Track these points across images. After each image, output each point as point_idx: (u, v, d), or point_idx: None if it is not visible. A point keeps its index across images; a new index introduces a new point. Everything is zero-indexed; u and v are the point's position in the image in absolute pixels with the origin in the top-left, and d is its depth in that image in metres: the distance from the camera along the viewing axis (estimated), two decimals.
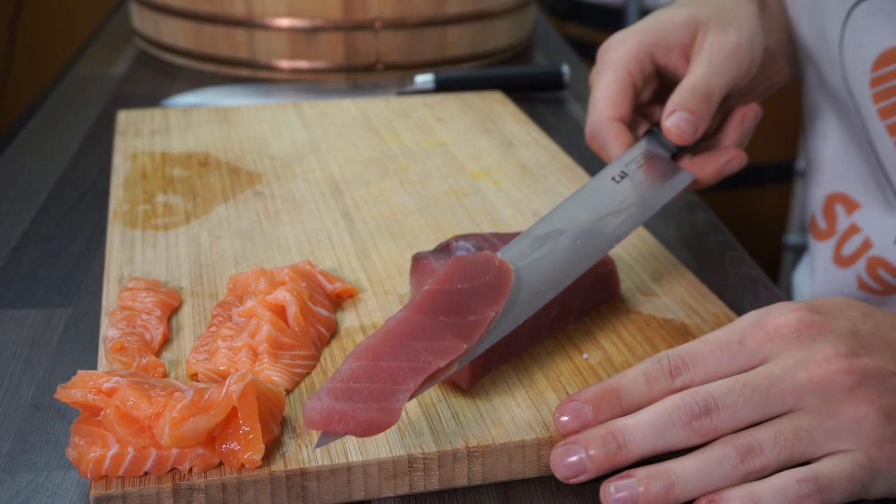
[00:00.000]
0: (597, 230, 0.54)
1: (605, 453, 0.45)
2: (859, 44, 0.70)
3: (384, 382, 0.44)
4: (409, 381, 0.45)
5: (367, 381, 0.44)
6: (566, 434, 0.47)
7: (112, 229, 0.68)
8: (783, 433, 0.45)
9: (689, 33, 0.61)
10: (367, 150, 0.83)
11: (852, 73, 0.72)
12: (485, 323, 0.47)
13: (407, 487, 0.48)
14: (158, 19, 1.12)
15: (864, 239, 0.77)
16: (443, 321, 0.47)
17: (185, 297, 0.61)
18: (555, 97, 1.05)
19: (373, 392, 0.44)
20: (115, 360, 0.53)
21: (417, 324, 0.47)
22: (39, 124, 0.96)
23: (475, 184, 0.77)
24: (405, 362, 0.45)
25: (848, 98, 0.73)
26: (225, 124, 0.88)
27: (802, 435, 0.45)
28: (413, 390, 0.44)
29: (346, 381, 0.44)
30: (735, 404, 0.45)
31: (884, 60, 0.69)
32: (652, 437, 0.45)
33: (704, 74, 0.59)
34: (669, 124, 0.58)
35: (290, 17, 1.05)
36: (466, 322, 0.47)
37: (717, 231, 0.76)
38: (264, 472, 0.46)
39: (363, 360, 0.45)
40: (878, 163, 0.73)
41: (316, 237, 0.68)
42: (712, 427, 0.45)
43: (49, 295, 0.65)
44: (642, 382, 0.47)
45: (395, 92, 1.01)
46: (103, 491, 0.45)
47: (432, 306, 0.48)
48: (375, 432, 0.43)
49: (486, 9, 1.11)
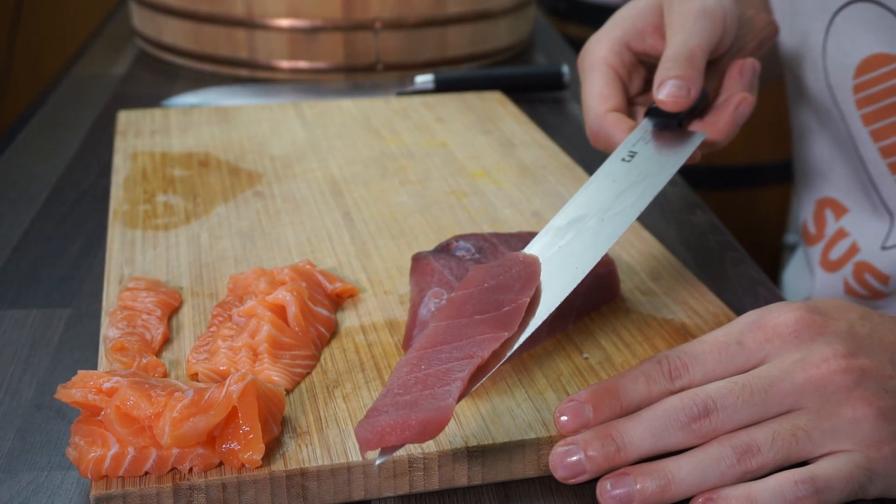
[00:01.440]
0: (618, 206, 0.53)
1: (604, 455, 0.45)
2: (842, 50, 0.70)
3: (431, 386, 0.44)
4: (456, 376, 0.44)
5: (414, 390, 0.43)
6: (566, 434, 0.47)
7: (112, 229, 0.68)
8: (781, 433, 0.45)
9: (655, 13, 0.62)
10: (367, 151, 0.83)
11: (835, 80, 0.72)
12: (521, 310, 0.47)
13: (407, 487, 0.48)
14: (159, 19, 1.12)
15: (851, 244, 0.77)
16: (478, 318, 0.47)
17: (185, 296, 0.61)
18: (555, 97, 1.05)
19: (422, 397, 0.43)
20: (115, 360, 0.53)
21: (452, 327, 0.46)
22: (40, 124, 0.96)
23: (475, 184, 0.77)
24: (448, 363, 0.44)
25: (832, 104, 0.73)
26: (225, 124, 0.88)
27: (800, 435, 0.45)
28: (463, 384, 0.43)
29: (393, 395, 0.44)
30: (734, 406, 0.45)
31: (866, 67, 0.69)
32: (651, 439, 0.45)
33: (681, 39, 0.59)
34: (662, 96, 0.57)
35: (290, 17, 1.05)
36: (502, 314, 0.47)
37: (717, 231, 0.76)
38: (264, 472, 0.46)
39: (405, 373, 0.45)
40: (864, 168, 0.73)
41: (316, 237, 0.68)
42: (711, 429, 0.45)
43: (49, 295, 0.65)
44: (642, 383, 0.47)
45: (395, 92, 1.01)
46: (103, 491, 0.45)
47: (463, 309, 0.48)
48: (433, 434, 0.42)
49: (486, 9, 1.11)
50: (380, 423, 0.42)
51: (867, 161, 0.72)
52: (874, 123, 0.70)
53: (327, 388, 0.52)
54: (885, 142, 0.71)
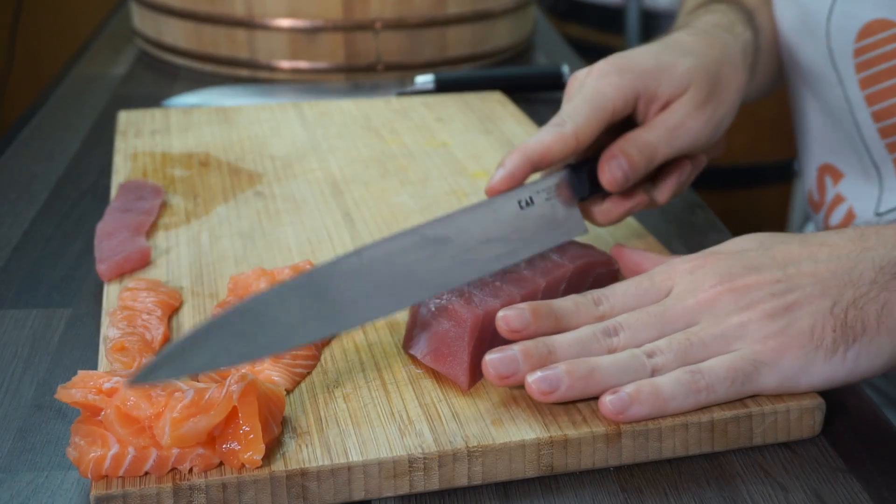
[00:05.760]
0: (479, 252, 0.55)
1: (537, 354, 0.51)
2: (847, 13, 0.71)
3: None
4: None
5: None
6: (505, 331, 0.52)
7: None
8: (676, 338, 0.52)
9: (679, 89, 0.61)
10: (368, 151, 0.83)
11: (837, 43, 0.72)
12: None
13: (407, 487, 0.48)
14: (159, 20, 1.12)
15: (848, 209, 0.78)
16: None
17: (185, 297, 0.61)
18: (555, 97, 1.05)
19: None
20: (115, 360, 0.53)
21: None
22: (40, 124, 0.96)
23: (475, 184, 0.77)
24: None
25: (831, 68, 0.74)
26: (225, 124, 0.88)
27: (693, 340, 0.51)
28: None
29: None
30: (636, 326, 0.52)
31: (867, 31, 0.70)
32: (576, 346, 0.52)
33: (659, 139, 0.60)
34: (608, 168, 0.59)
35: (291, 17, 1.05)
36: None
37: (717, 231, 0.76)
38: (265, 472, 0.46)
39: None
40: (858, 132, 0.74)
41: (316, 237, 0.68)
42: (621, 343, 0.52)
43: (50, 295, 0.65)
44: (571, 305, 0.54)
45: (396, 92, 1.01)
46: (104, 491, 0.45)
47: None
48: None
49: (486, 9, 1.11)
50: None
51: (861, 125, 0.73)
52: (869, 88, 0.71)
53: (327, 388, 0.52)
54: (878, 106, 0.71)
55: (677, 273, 0.54)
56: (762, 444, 0.51)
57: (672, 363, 0.51)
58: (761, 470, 0.50)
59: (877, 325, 0.51)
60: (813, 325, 0.50)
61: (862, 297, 0.51)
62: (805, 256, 0.53)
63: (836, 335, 0.50)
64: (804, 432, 0.52)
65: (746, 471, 0.50)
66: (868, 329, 0.51)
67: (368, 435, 0.48)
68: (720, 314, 0.52)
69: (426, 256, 0.53)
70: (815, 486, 0.49)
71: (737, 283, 0.52)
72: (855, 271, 0.52)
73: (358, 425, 0.49)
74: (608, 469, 0.50)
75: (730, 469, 0.50)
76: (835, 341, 0.50)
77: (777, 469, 0.50)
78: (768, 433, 0.51)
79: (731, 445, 0.51)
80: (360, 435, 0.48)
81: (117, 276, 0.62)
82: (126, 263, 0.63)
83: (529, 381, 0.50)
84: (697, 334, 0.51)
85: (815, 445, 0.52)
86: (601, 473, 0.50)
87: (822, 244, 0.53)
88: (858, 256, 0.52)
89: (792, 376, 0.51)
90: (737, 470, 0.50)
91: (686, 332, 0.52)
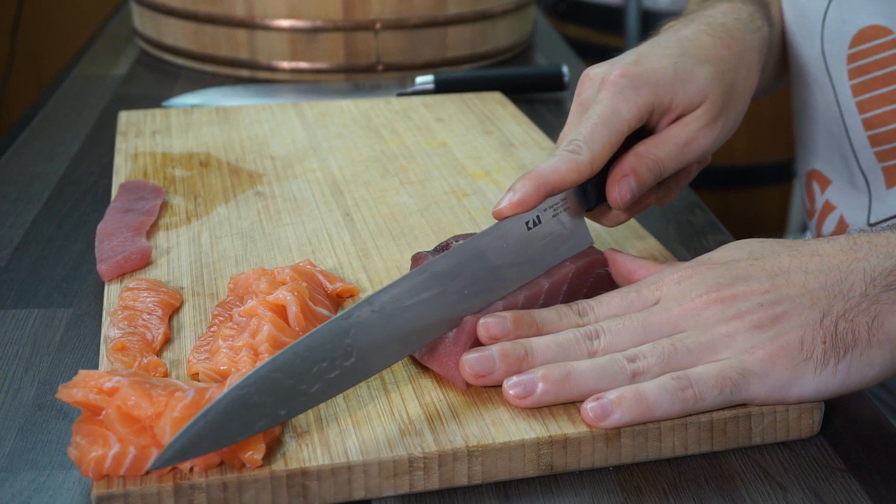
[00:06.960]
0: (487, 283, 0.54)
1: (514, 355, 0.51)
2: (841, 19, 0.70)
3: None
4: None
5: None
6: (485, 338, 0.52)
7: None
8: (661, 343, 0.51)
9: (694, 103, 0.60)
10: (368, 151, 0.84)
11: (831, 48, 0.72)
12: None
13: (407, 487, 0.48)
14: (159, 20, 1.12)
15: (839, 217, 0.77)
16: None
17: (186, 296, 0.61)
18: (555, 98, 1.05)
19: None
20: (116, 360, 0.53)
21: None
22: (41, 125, 0.96)
23: (475, 184, 0.77)
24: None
25: (823, 72, 0.73)
26: (226, 125, 0.88)
27: (679, 346, 0.51)
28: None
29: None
30: (619, 331, 0.52)
31: (861, 38, 0.70)
32: (554, 349, 0.51)
33: (669, 155, 0.59)
34: (617, 189, 0.58)
35: (291, 17, 1.05)
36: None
37: (717, 231, 0.76)
38: (265, 472, 0.46)
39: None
40: (847, 139, 0.73)
41: (316, 237, 0.69)
42: (601, 347, 0.52)
43: (50, 295, 0.65)
44: (554, 315, 0.54)
45: (396, 93, 1.01)
46: (105, 490, 0.45)
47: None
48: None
49: (486, 9, 1.12)
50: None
51: (851, 131, 0.73)
52: (862, 94, 0.71)
53: None
54: (869, 113, 0.71)
55: (665, 284, 0.54)
56: (761, 444, 0.52)
57: (655, 368, 0.50)
58: (760, 469, 0.50)
59: (868, 337, 0.50)
60: (802, 336, 0.50)
61: (852, 309, 0.50)
62: (795, 267, 0.52)
63: (826, 347, 0.50)
64: (803, 432, 0.52)
65: (745, 470, 0.50)
66: (859, 342, 0.50)
67: (368, 434, 0.49)
68: (707, 323, 0.51)
69: (435, 294, 0.52)
70: (813, 486, 0.49)
71: (724, 293, 0.52)
72: (845, 283, 0.51)
73: (358, 425, 0.49)
74: (608, 469, 0.50)
75: (729, 468, 0.50)
76: (825, 353, 0.50)
77: (776, 468, 0.50)
78: (767, 433, 0.51)
79: (731, 445, 0.51)
80: (360, 434, 0.49)
81: (118, 276, 0.63)
82: (127, 263, 0.63)
83: (505, 387, 0.50)
84: (683, 341, 0.51)
85: (813, 445, 0.52)
86: (601, 473, 0.50)
87: (813, 254, 0.53)
88: (849, 267, 0.51)
89: (781, 387, 0.50)
90: (736, 469, 0.50)
91: (671, 338, 0.51)
